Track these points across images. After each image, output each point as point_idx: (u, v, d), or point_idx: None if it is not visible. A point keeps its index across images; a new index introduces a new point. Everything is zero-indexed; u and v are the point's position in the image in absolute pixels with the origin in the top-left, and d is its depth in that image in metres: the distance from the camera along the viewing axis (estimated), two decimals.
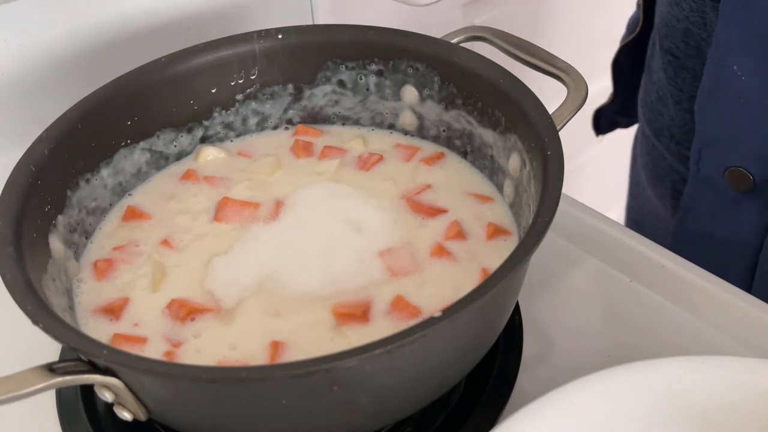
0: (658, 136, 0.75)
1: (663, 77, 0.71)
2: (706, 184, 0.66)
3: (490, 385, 0.49)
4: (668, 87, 0.71)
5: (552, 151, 0.44)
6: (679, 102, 0.70)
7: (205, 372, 0.38)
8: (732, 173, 0.63)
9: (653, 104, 0.75)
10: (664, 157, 0.74)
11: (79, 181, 0.51)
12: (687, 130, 0.70)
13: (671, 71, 0.70)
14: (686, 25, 0.66)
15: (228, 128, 0.58)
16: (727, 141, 0.63)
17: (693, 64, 0.67)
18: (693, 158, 0.66)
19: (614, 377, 0.41)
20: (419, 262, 0.49)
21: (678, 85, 0.69)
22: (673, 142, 0.73)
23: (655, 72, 0.73)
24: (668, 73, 0.70)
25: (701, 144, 0.65)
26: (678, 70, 0.69)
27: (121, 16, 0.68)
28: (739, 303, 0.54)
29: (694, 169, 0.66)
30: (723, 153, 0.64)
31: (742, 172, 0.62)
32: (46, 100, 0.66)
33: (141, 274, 0.49)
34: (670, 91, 0.71)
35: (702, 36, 0.64)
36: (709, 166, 0.65)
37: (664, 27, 0.69)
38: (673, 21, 0.67)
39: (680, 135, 0.71)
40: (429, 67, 0.55)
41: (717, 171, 0.64)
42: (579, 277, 0.58)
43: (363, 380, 0.38)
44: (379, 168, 0.56)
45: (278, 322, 0.46)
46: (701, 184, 0.67)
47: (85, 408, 0.49)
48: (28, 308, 0.39)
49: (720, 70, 0.60)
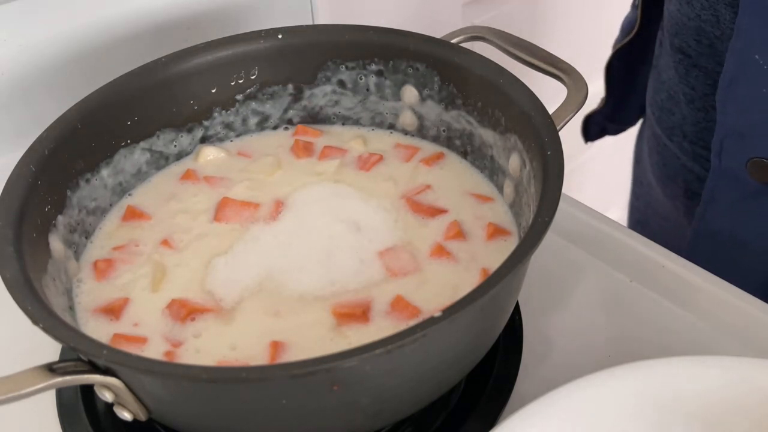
0: (669, 135, 0.74)
1: (674, 76, 0.71)
2: (727, 176, 0.65)
3: (490, 385, 0.49)
4: (679, 86, 0.70)
5: (552, 151, 0.44)
6: (692, 101, 0.70)
7: (205, 372, 0.38)
8: (754, 164, 0.62)
9: (663, 103, 0.74)
10: (677, 156, 0.74)
11: (79, 181, 0.51)
12: (700, 129, 0.70)
13: (683, 70, 0.69)
14: (698, 23, 0.65)
15: (228, 128, 0.58)
16: (750, 132, 0.62)
17: (706, 62, 0.67)
18: (714, 150, 0.65)
19: (614, 377, 0.41)
20: (419, 262, 0.49)
21: (690, 84, 0.69)
22: (686, 141, 0.72)
23: (665, 71, 0.73)
24: (679, 71, 0.70)
25: (723, 135, 0.64)
26: (690, 69, 0.69)
27: (121, 16, 0.68)
28: (739, 303, 0.54)
29: (716, 162, 0.66)
30: (745, 144, 0.63)
31: (765, 163, 0.62)
32: (46, 100, 0.66)
33: (141, 274, 0.49)
34: (682, 90, 0.70)
35: (715, 34, 0.64)
36: (730, 157, 0.64)
37: (674, 26, 0.69)
38: (684, 19, 0.67)
39: (693, 133, 0.71)
40: (429, 67, 0.55)
41: (739, 163, 0.63)
42: (579, 277, 0.58)
43: (363, 380, 0.38)
44: (379, 168, 0.56)
45: (278, 322, 0.46)
46: (723, 177, 0.66)
47: (85, 408, 0.49)
48: (28, 308, 0.39)
49: (742, 60, 0.60)
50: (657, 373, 0.41)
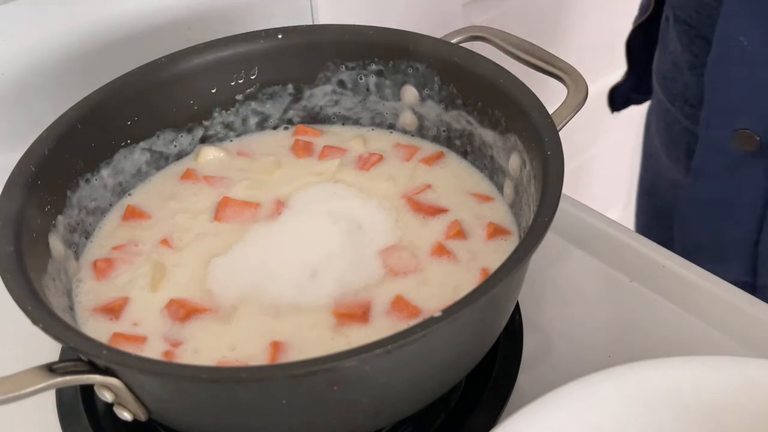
0: (672, 101, 0.79)
1: (678, 46, 0.75)
2: (714, 146, 0.71)
3: (490, 385, 0.49)
4: (683, 54, 0.75)
5: (552, 151, 0.44)
6: (694, 67, 0.74)
7: (205, 372, 0.38)
8: (739, 135, 0.68)
9: (667, 72, 0.79)
10: (679, 120, 0.78)
11: (79, 181, 0.51)
12: (701, 93, 0.74)
13: (686, 39, 0.74)
14: None
15: (228, 128, 0.58)
16: (735, 106, 0.68)
17: (706, 33, 0.71)
18: (703, 123, 0.71)
19: (614, 377, 0.40)
20: (419, 262, 0.49)
21: (693, 52, 0.73)
22: (687, 105, 0.77)
23: (671, 42, 0.77)
24: (683, 41, 0.74)
25: (711, 110, 0.70)
26: (693, 39, 0.73)
27: (122, 16, 0.68)
28: (739, 303, 0.54)
29: (704, 134, 0.71)
30: (731, 117, 0.68)
31: (748, 133, 0.67)
32: (46, 100, 0.66)
33: (140, 273, 0.49)
34: (685, 58, 0.74)
35: (713, 5, 0.68)
36: (717, 129, 0.70)
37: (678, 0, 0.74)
38: None
39: (694, 98, 0.75)
40: (429, 67, 0.55)
41: (725, 134, 0.69)
42: (579, 277, 0.58)
43: (363, 380, 0.38)
44: (379, 168, 0.56)
45: (278, 322, 0.46)
46: (710, 147, 0.72)
47: (85, 408, 0.49)
48: (28, 308, 0.39)
49: (727, 41, 0.65)
50: (657, 373, 0.41)
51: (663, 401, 0.41)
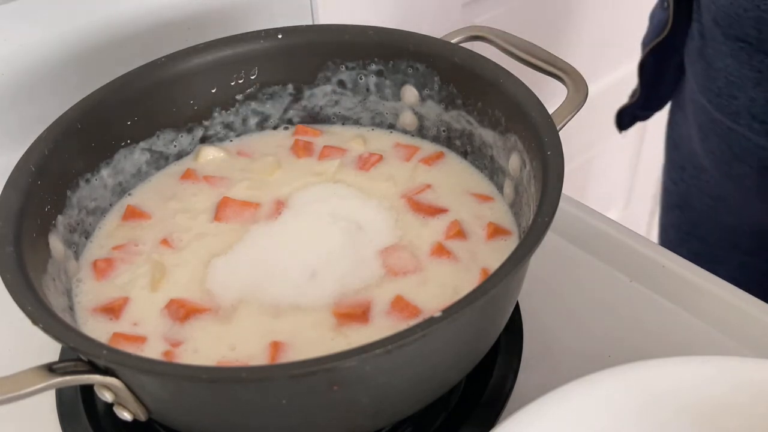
0: (735, 119, 0.76)
1: (732, 63, 0.73)
2: None
3: (490, 385, 0.49)
4: (742, 71, 0.73)
5: (552, 151, 0.44)
6: (759, 83, 0.72)
7: (205, 372, 0.38)
8: None
9: (721, 90, 0.76)
10: (747, 137, 0.76)
11: (79, 181, 0.51)
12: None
13: (745, 56, 0.72)
14: (758, 13, 0.68)
15: (228, 128, 0.58)
16: None
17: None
18: None
19: (614, 377, 0.40)
20: (420, 261, 0.49)
21: (756, 68, 0.71)
22: (756, 122, 0.75)
23: (719, 59, 0.75)
24: (741, 58, 0.72)
25: None
26: (753, 54, 0.71)
27: (122, 15, 0.68)
28: (739, 303, 0.54)
29: None
30: None
31: None
32: (45, 100, 0.66)
33: (140, 273, 0.49)
34: (746, 75, 0.73)
35: None
36: None
37: (726, 18, 0.71)
38: (739, 11, 0.69)
39: (764, 114, 0.73)
40: (429, 67, 0.55)
41: None
42: (579, 277, 0.58)
43: (363, 380, 0.38)
44: (379, 168, 0.56)
45: (278, 322, 0.46)
46: None
47: (85, 408, 0.49)
48: (28, 308, 0.39)
49: None
50: (656, 373, 0.41)
51: (663, 401, 0.41)
